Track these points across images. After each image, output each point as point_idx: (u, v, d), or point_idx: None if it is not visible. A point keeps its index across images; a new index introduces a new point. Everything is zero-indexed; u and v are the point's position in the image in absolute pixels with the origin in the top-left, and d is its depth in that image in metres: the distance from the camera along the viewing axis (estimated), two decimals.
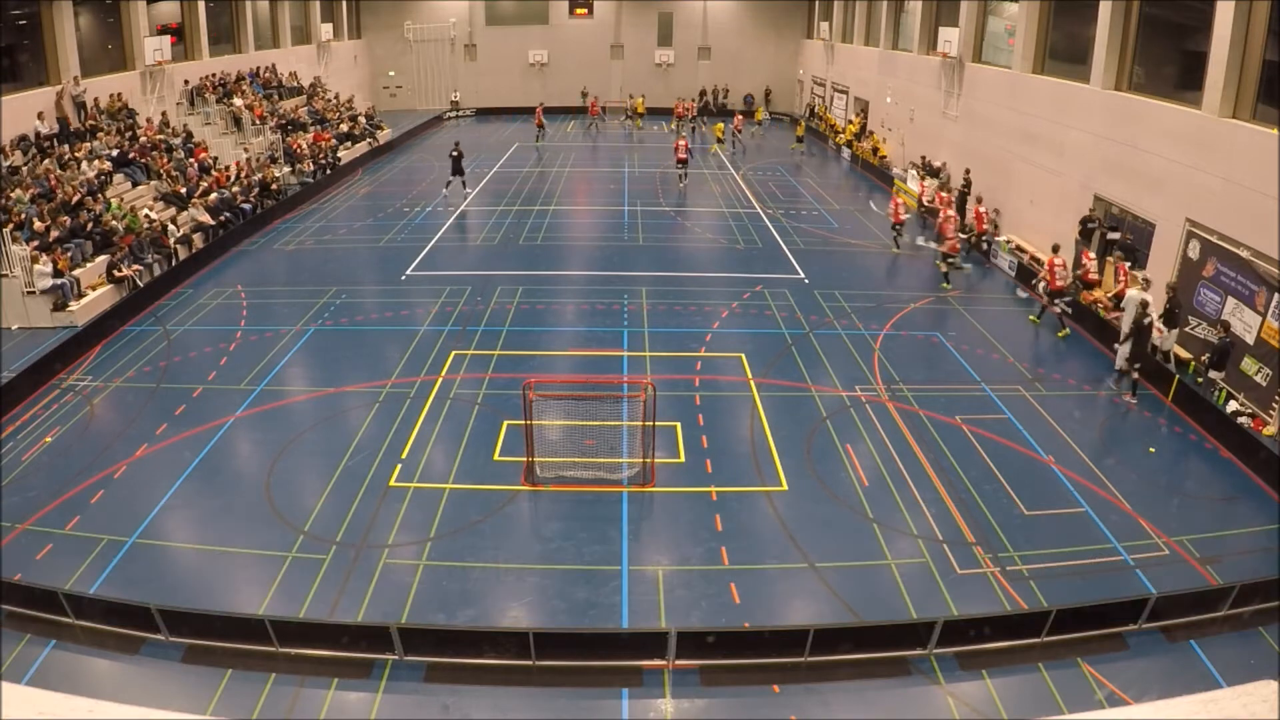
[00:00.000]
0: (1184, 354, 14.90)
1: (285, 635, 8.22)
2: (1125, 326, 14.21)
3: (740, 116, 40.11)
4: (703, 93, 47.61)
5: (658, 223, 24.56)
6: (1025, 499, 10.94)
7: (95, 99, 23.49)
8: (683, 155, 28.68)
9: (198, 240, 20.91)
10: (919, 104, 29.43)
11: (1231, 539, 10.31)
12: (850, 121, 36.97)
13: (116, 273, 17.71)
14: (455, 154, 27.24)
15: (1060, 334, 16.63)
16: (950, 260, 19.25)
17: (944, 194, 23.23)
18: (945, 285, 19.08)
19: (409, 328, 16.53)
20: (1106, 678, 8.13)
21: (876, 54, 33.94)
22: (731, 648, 8.31)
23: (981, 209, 21.88)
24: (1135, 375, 13.93)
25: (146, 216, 20.00)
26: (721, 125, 38.26)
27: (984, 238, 19.62)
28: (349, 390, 13.90)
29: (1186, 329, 15.02)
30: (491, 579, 9.45)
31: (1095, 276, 17.15)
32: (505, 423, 12.54)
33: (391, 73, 48.19)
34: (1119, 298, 15.25)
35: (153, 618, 8.29)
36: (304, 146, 29.78)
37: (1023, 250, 20.94)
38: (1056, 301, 16.66)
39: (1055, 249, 16.89)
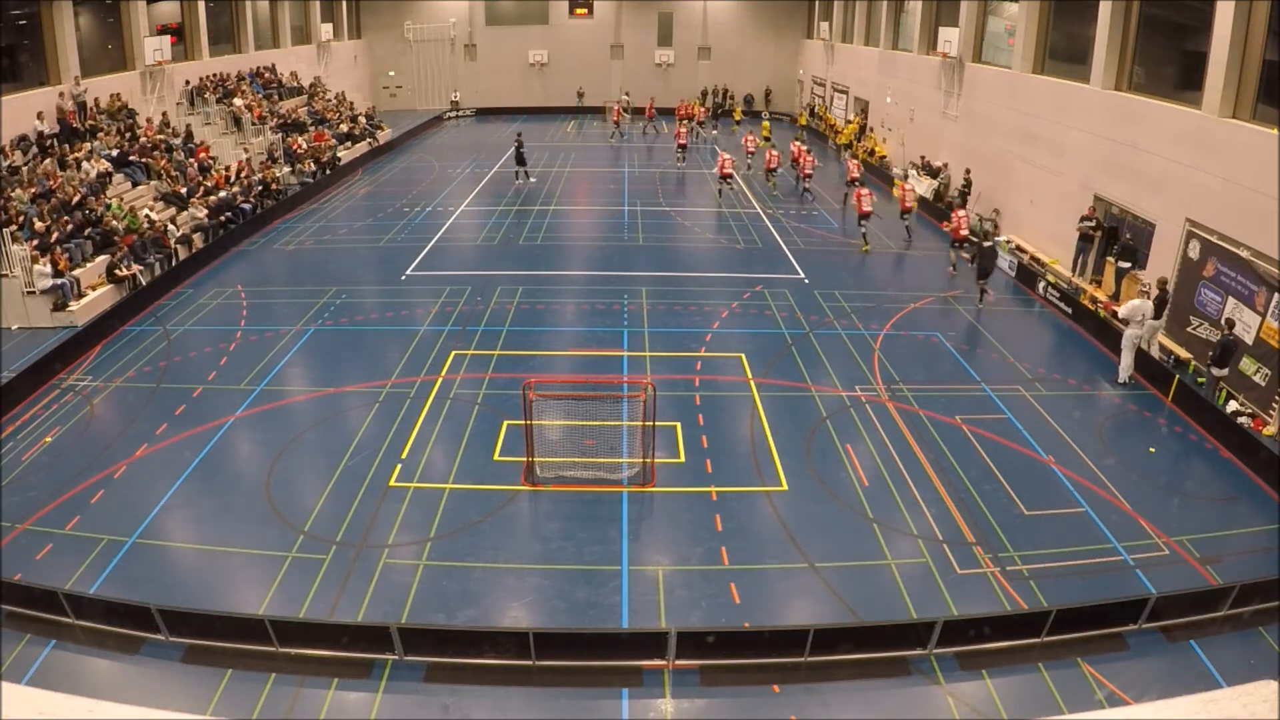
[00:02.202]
0: (1184, 354, 14.91)
1: (285, 635, 8.22)
2: (1130, 340, 14.23)
3: (702, 110, 41.25)
4: (704, 93, 47.60)
5: (658, 223, 24.55)
6: (1025, 499, 10.94)
7: (95, 99, 23.50)
8: (683, 141, 32.53)
9: (198, 240, 20.91)
10: (919, 104, 29.43)
11: (1231, 539, 10.31)
12: (850, 122, 36.99)
13: (117, 273, 17.72)
14: (518, 146, 29.13)
15: (864, 249, 21.70)
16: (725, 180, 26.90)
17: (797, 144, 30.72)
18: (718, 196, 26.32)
19: (409, 328, 16.53)
20: (1106, 678, 8.13)
21: (876, 54, 33.95)
22: (731, 648, 8.31)
23: (963, 213, 20.77)
24: (984, 290, 18.10)
25: (147, 217, 20.00)
26: (768, 124, 38.47)
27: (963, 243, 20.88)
28: (349, 390, 13.90)
29: (1188, 329, 15.03)
30: (491, 579, 9.45)
31: (964, 233, 20.12)
32: (505, 423, 12.54)
33: (391, 73, 48.20)
34: (975, 241, 19.06)
35: (153, 618, 8.29)
36: (303, 145, 29.80)
37: (1023, 250, 20.96)
38: (863, 223, 21.85)
39: (905, 176, 22.55)
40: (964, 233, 20.13)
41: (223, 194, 23.23)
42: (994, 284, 19.80)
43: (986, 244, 18.36)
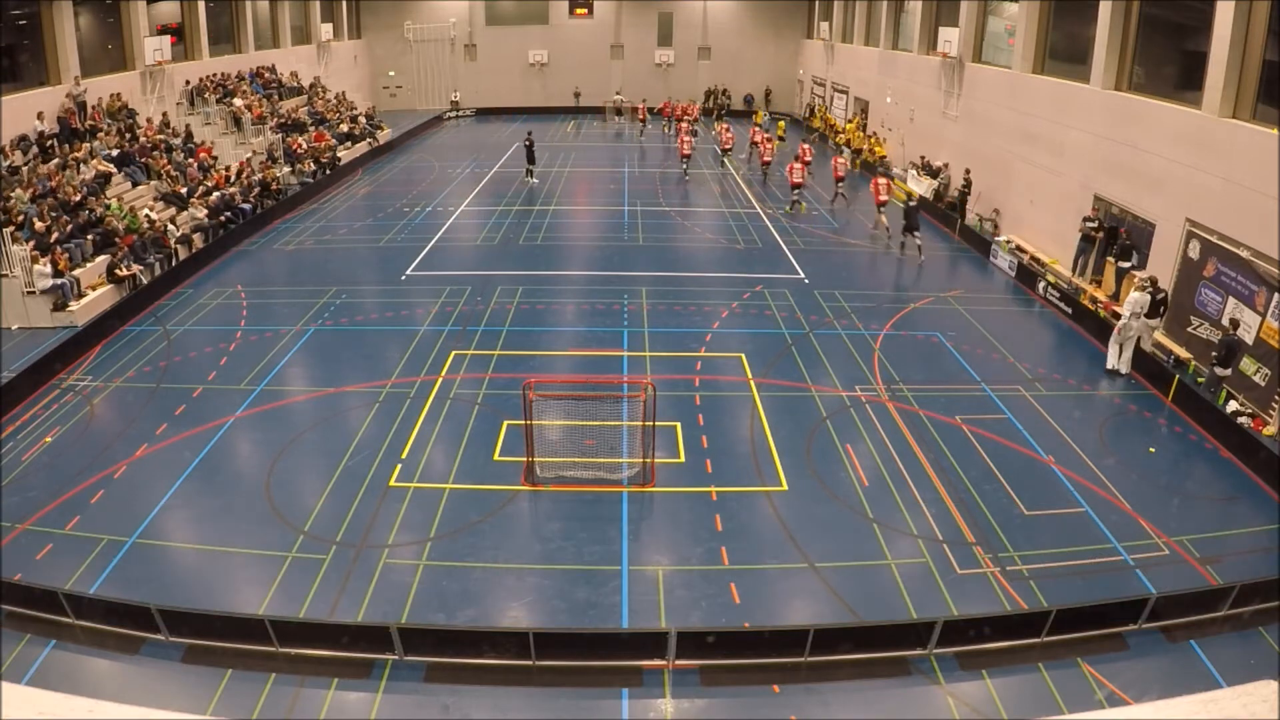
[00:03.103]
0: (1184, 354, 14.91)
1: (285, 635, 8.22)
2: (1123, 328, 14.32)
3: (695, 108, 41.77)
4: (709, 93, 47.62)
5: (658, 223, 24.56)
6: (1025, 499, 10.93)
7: (100, 99, 23.51)
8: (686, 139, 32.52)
9: (198, 240, 20.91)
10: (919, 104, 29.44)
11: (1231, 539, 10.31)
12: (849, 121, 37.00)
13: (118, 272, 17.72)
14: (528, 144, 29.65)
15: (787, 209, 25.36)
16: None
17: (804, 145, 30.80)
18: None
19: (409, 328, 16.53)
20: (1106, 678, 8.13)
21: (876, 54, 33.95)
22: (731, 648, 8.31)
23: (883, 181, 24.18)
24: (915, 238, 20.89)
25: (147, 217, 20.00)
26: (783, 124, 38.62)
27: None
28: (349, 390, 13.90)
29: (1188, 329, 15.03)
30: (491, 579, 9.45)
31: (883, 198, 23.21)
32: (505, 423, 12.54)
33: (391, 73, 48.20)
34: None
35: (153, 618, 8.29)
36: (303, 146, 29.79)
37: (1023, 250, 20.96)
38: (795, 192, 25.67)
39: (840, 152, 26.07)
40: (883, 197, 23.23)
41: (223, 194, 23.22)
42: (994, 285, 19.85)
43: (911, 203, 21.55)
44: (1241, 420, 12.72)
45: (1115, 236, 18.05)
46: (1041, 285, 18.58)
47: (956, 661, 8.28)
